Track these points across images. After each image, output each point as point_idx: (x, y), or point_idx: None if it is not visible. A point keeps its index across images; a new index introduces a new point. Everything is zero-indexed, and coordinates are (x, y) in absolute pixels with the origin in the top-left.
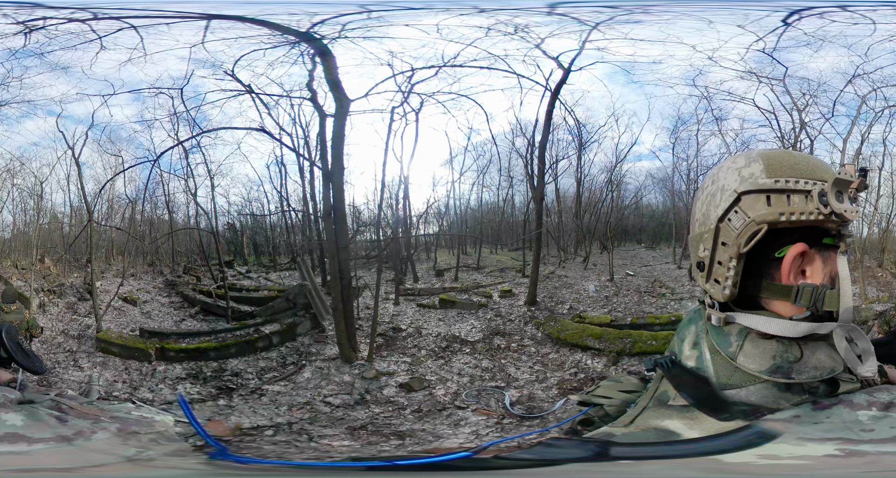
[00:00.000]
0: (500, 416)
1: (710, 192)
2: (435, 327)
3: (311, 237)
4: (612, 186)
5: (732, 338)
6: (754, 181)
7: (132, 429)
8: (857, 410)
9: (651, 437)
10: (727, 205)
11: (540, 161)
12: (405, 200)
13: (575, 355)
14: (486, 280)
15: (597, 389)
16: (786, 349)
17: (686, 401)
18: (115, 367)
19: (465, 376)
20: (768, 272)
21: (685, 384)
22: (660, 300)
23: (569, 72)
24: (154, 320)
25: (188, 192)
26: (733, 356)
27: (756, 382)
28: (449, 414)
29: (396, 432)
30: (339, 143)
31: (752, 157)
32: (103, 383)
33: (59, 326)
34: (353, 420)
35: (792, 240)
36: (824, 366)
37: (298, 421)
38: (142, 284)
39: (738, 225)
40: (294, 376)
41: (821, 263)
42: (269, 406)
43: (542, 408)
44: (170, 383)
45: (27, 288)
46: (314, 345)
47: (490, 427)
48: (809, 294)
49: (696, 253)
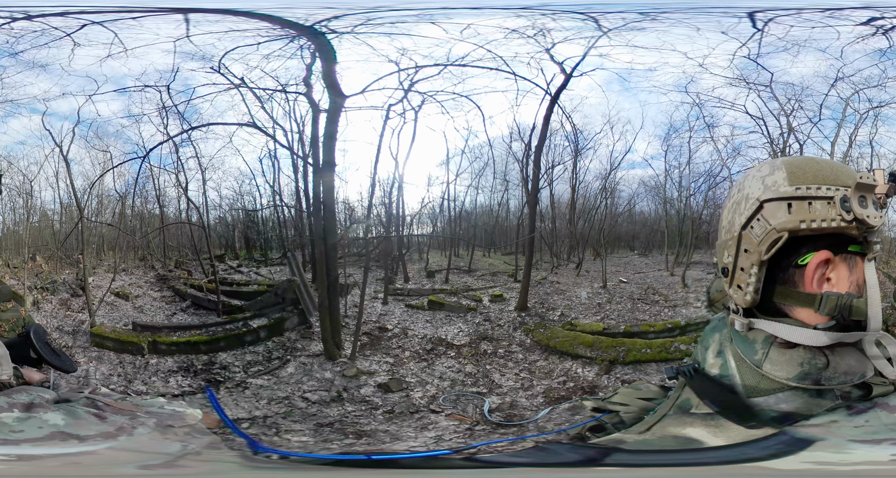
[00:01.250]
0: (473, 422)
1: (736, 200)
2: (422, 329)
3: (302, 233)
4: (607, 193)
5: (758, 345)
6: (776, 189)
7: (167, 424)
8: (895, 411)
9: (669, 444)
10: (750, 213)
11: (535, 166)
12: (399, 199)
13: (565, 364)
14: (477, 284)
15: (614, 395)
16: (813, 356)
17: (711, 409)
18: (110, 361)
19: (447, 381)
20: (792, 280)
21: (709, 392)
22: (653, 307)
23: (570, 77)
24: (146, 315)
25: (179, 186)
26: (759, 364)
27: (785, 389)
28: (420, 417)
29: (358, 432)
30: (331, 139)
31: (776, 165)
32: (100, 377)
33: (54, 323)
34: (323, 417)
35: (817, 247)
36: (854, 371)
37: (273, 415)
38: (133, 279)
39: (759, 232)
40: (278, 371)
41: (846, 271)
42: (250, 399)
43: (523, 416)
44: (162, 375)
45: (20, 286)
46: (300, 341)
47: (458, 433)
48: (834, 303)
49: (721, 259)
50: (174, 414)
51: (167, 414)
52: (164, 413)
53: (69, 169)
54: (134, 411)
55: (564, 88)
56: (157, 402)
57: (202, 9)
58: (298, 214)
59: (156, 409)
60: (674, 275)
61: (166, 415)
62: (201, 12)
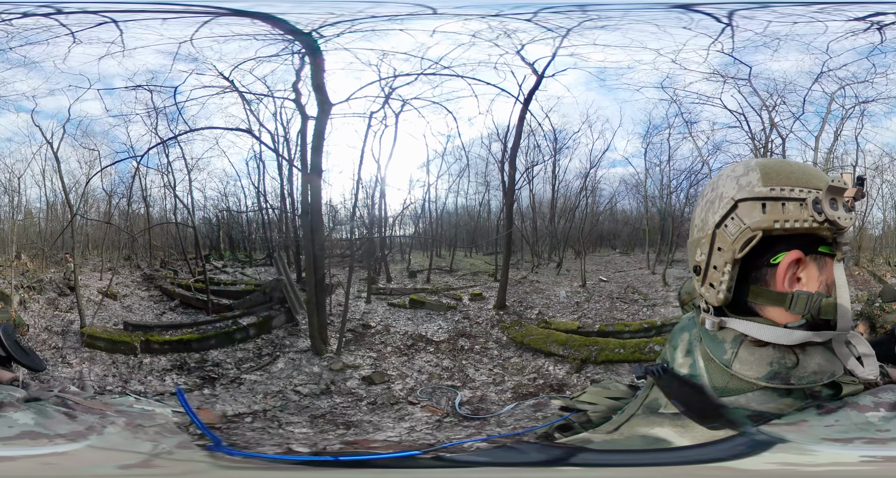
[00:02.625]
0: (443, 414)
1: (710, 199)
2: (403, 326)
3: (287, 234)
4: (587, 191)
5: (727, 345)
6: (751, 189)
7: (137, 422)
8: (865, 411)
9: (636, 444)
10: (724, 212)
11: (511, 166)
12: (381, 201)
13: (537, 361)
14: (458, 283)
15: (582, 394)
16: (783, 356)
17: (679, 409)
18: (103, 361)
19: (425, 374)
20: (763, 279)
21: (677, 392)
22: (632, 306)
23: (542, 78)
24: (136, 314)
25: (167, 186)
26: (728, 364)
27: (754, 388)
28: (398, 408)
29: (347, 422)
30: (318, 145)
31: (750, 166)
32: (94, 378)
33: (42, 323)
34: (315, 409)
35: (788, 247)
36: (824, 370)
37: (271, 408)
38: (120, 278)
39: (733, 231)
40: (269, 366)
41: (816, 271)
42: (247, 394)
43: (489, 410)
44: (157, 374)
45: (7, 286)
46: (288, 337)
47: (427, 424)
48: (804, 302)
49: (693, 258)
50: (143, 413)
51: (137, 413)
52: (133, 412)
53: (59, 166)
54: (104, 410)
55: (537, 89)
56: (127, 401)
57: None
58: (284, 216)
59: (125, 408)
60: (655, 273)
61: (136, 414)
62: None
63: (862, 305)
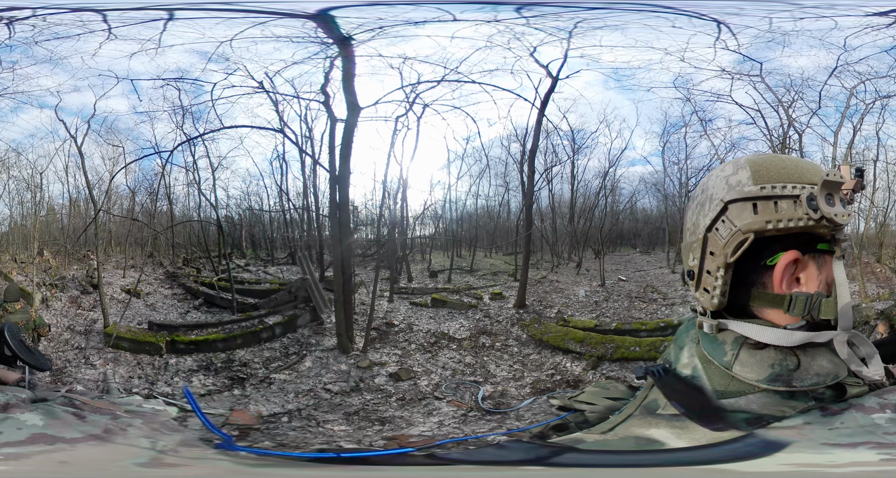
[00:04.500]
0: (468, 408)
1: (700, 201)
2: (426, 324)
3: (311, 233)
4: (606, 191)
5: (727, 347)
6: (741, 189)
7: (148, 422)
8: (871, 413)
9: (629, 445)
10: (714, 214)
11: (530, 167)
12: (403, 202)
13: (556, 358)
14: (478, 283)
15: (581, 394)
16: (784, 357)
17: (678, 410)
18: (127, 362)
19: (448, 370)
20: (760, 281)
21: (678, 393)
22: (650, 305)
23: (556, 80)
24: (159, 313)
25: (193, 183)
26: (728, 366)
27: (756, 390)
28: (426, 404)
29: (381, 418)
30: (347, 147)
31: (739, 164)
32: (119, 380)
33: (65, 322)
34: (349, 406)
35: (784, 247)
36: (827, 372)
37: (305, 407)
38: (143, 276)
39: (724, 234)
40: (297, 365)
41: (815, 270)
42: (278, 394)
43: (510, 404)
44: (183, 375)
45: (28, 283)
46: (313, 336)
47: (455, 418)
48: (803, 303)
49: (686, 262)
50: (154, 412)
51: (146, 413)
52: (142, 412)
53: (83, 162)
54: (113, 410)
55: (553, 91)
56: (135, 400)
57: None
58: (309, 215)
59: (134, 407)
60: (675, 272)
61: (147, 414)
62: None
63: (890, 304)
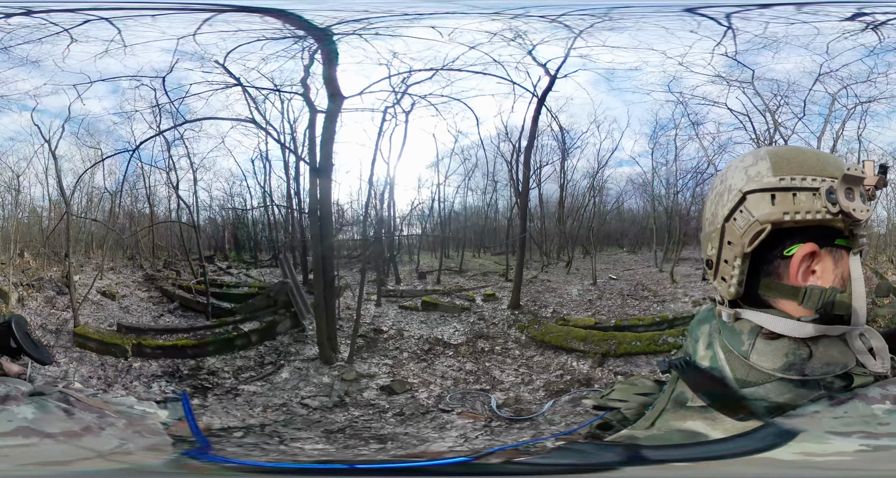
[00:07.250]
0: (487, 419)
1: (719, 191)
2: (417, 330)
3: (294, 234)
4: (595, 191)
5: (744, 337)
6: (760, 180)
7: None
8: (872, 403)
9: (676, 438)
10: (733, 204)
11: (525, 166)
12: (390, 201)
13: (560, 358)
14: (469, 284)
15: (611, 392)
16: (797, 347)
17: (704, 402)
18: (91, 362)
19: (449, 379)
20: (776, 272)
21: (702, 385)
22: (643, 302)
23: (555, 78)
24: (133, 315)
25: (170, 184)
26: (746, 355)
27: (772, 380)
28: (433, 417)
29: (377, 436)
30: (328, 140)
31: (759, 155)
32: (79, 378)
33: (38, 321)
34: (330, 423)
35: (803, 239)
36: (837, 362)
37: (272, 423)
38: (121, 278)
39: (742, 224)
40: (271, 376)
41: (832, 264)
42: (243, 407)
43: (530, 410)
44: (144, 380)
45: (6, 283)
46: (294, 344)
47: (478, 430)
48: (817, 296)
49: (705, 251)
50: (143, 415)
51: (136, 414)
52: (132, 413)
53: (57, 164)
54: (103, 409)
55: (550, 90)
56: (128, 401)
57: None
58: (291, 216)
59: (125, 408)
60: (662, 271)
61: (135, 415)
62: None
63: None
